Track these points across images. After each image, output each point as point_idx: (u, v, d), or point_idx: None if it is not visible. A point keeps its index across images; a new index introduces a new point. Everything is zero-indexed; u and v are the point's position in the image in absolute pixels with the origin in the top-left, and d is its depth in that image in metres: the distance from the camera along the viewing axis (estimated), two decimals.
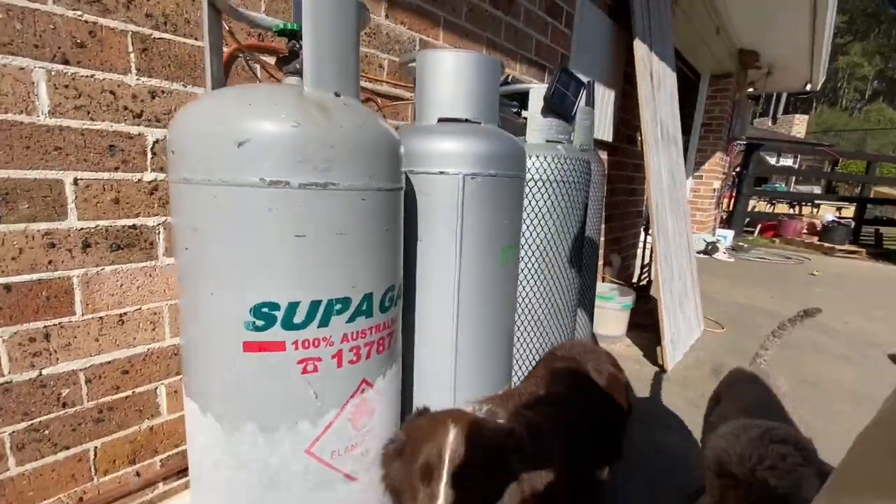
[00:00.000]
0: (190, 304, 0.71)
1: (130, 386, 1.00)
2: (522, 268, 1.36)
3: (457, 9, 1.56)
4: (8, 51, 0.75)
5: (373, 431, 0.81)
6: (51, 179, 0.82)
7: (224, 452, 0.73)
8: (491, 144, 1.02)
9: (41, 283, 0.84)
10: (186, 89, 0.96)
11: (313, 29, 0.68)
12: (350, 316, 0.72)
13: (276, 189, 0.63)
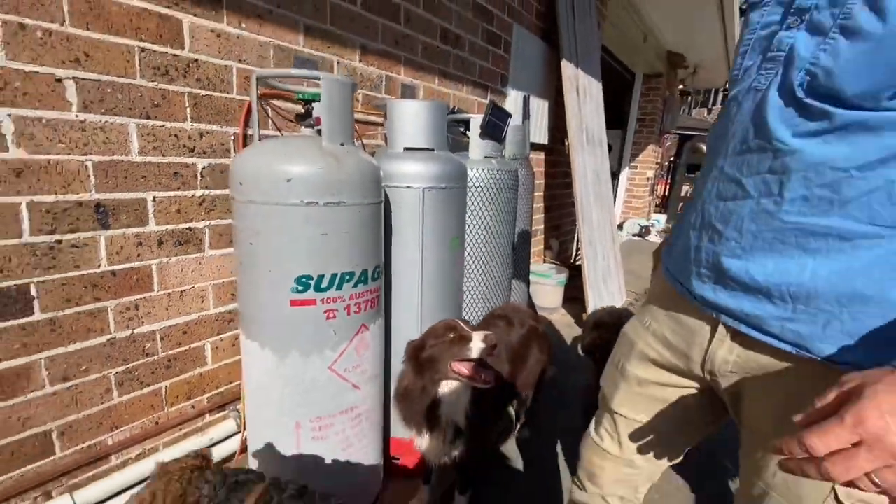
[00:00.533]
0: (252, 278, 1.12)
1: (187, 342, 1.39)
2: (468, 251, 1.83)
3: (414, 49, 1.98)
4: (113, 113, 1.12)
5: (369, 358, 1.25)
6: (139, 198, 1.20)
7: (275, 374, 1.15)
8: (442, 166, 1.47)
9: (133, 269, 1.22)
10: (223, 129, 1.35)
11: (328, 108, 1.10)
12: (354, 283, 1.16)
13: (310, 207, 1.06)
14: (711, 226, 0.69)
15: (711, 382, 0.75)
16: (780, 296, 0.61)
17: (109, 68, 1.09)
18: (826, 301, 0.58)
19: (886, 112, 0.51)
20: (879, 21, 0.51)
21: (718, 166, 0.69)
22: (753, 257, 0.63)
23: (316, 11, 1.53)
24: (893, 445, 0.39)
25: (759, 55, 0.64)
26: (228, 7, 1.28)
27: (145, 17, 1.13)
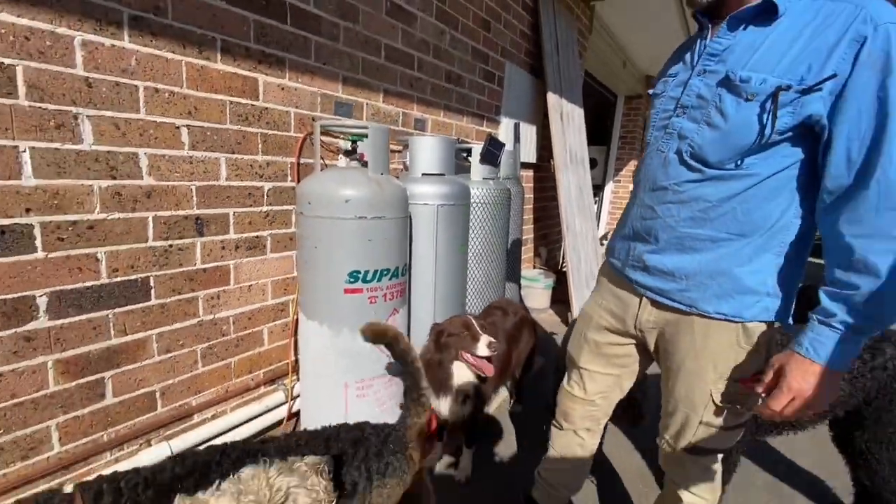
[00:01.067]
0: (314, 273, 1.49)
1: (251, 327, 1.75)
2: (470, 255, 2.21)
3: (424, 89, 2.39)
4: (211, 150, 1.49)
5: None
6: (224, 213, 1.57)
7: (330, 345, 1.52)
8: (452, 188, 1.86)
9: (218, 267, 1.58)
10: (283, 159, 1.72)
11: (372, 146, 1.49)
12: (389, 277, 1.53)
13: (361, 220, 1.44)
14: (639, 235, 1.08)
15: (641, 337, 1.15)
16: (680, 276, 1.01)
17: (210, 118, 1.47)
18: (704, 277, 0.98)
19: (730, 171, 0.92)
20: (724, 121, 0.90)
21: (640, 198, 1.08)
22: (664, 254, 1.03)
23: (351, 65, 1.93)
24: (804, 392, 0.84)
25: (661, 130, 1.03)
26: (290, 67, 1.68)
27: (234, 79, 1.51)
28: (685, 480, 1.18)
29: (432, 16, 2.35)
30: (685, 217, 0.98)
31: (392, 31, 2.11)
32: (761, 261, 0.94)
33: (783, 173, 0.89)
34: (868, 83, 0.77)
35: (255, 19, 1.54)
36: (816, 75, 0.80)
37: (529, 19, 3.31)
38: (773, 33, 0.86)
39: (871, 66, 0.76)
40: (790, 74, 0.82)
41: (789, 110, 0.82)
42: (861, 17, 0.77)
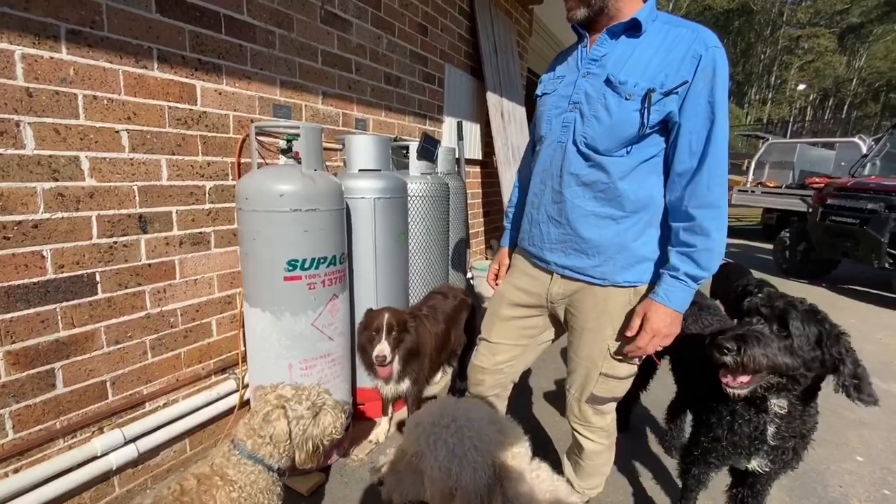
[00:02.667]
0: (255, 264, 1.62)
1: (199, 319, 1.85)
2: (412, 245, 2.38)
3: (364, 91, 2.54)
4: (148, 150, 1.60)
5: (339, 318, 1.78)
6: (167, 211, 1.67)
7: (273, 329, 1.65)
8: (387, 182, 2.03)
9: (163, 263, 1.69)
10: (223, 159, 1.84)
11: (305, 145, 1.63)
12: (327, 264, 1.68)
13: (295, 213, 1.58)
14: (553, 219, 1.24)
15: (552, 308, 1.33)
16: (592, 253, 1.19)
17: (149, 122, 1.57)
18: (612, 251, 1.17)
19: (618, 157, 1.12)
20: (610, 116, 1.10)
21: (549, 185, 1.24)
22: (577, 233, 1.20)
23: (288, 70, 2.06)
24: (661, 330, 1.09)
25: (559, 124, 1.21)
26: (227, 73, 1.79)
27: (172, 86, 1.62)
28: (587, 429, 1.37)
29: (368, 22, 2.50)
30: (588, 198, 1.17)
31: (328, 37, 2.25)
32: (649, 233, 1.17)
33: (654, 159, 1.13)
34: (702, 90, 1.03)
35: (191, 30, 1.65)
36: (672, 81, 1.05)
37: (467, 24, 3.51)
38: (639, 46, 1.10)
39: (704, 77, 1.03)
40: (655, 79, 1.05)
41: (657, 108, 1.06)
42: (697, 40, 1.05)
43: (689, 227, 1.07)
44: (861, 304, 4.68)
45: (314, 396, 1.12)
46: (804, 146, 9.41)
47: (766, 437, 1.18)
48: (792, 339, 1.06)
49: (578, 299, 1.25)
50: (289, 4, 2.02)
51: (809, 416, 1.17)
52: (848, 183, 5.11)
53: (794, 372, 1.07)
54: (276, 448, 1.10)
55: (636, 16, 1.09)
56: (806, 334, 1.06)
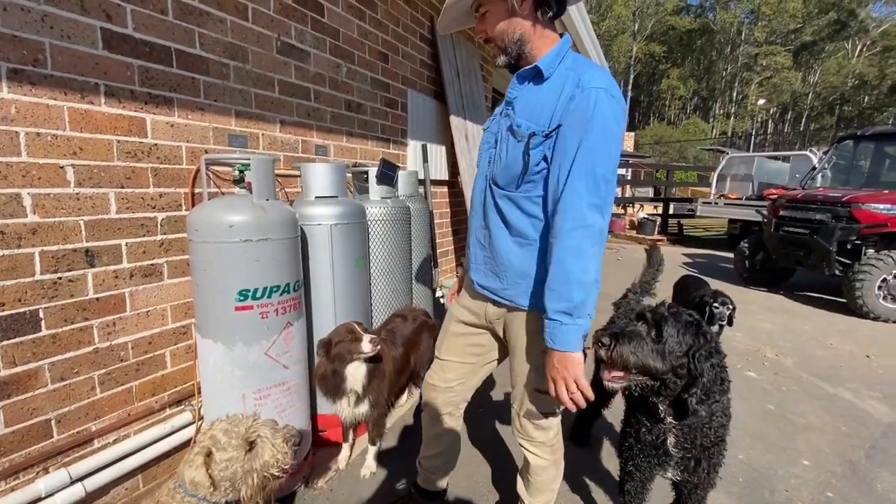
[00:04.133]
0: (206, 294, 1.62)
1: (152, 351, 1.83)
2: (374, 268, 2.41)
3: (324, 118, 2.59)
4: (95, 184, 1.60)
5: (294, 346, 1.78)
6: (116, 244, 1.67)
7: (226, 359, 1.65)
8: (344, 208, 2.06)
9: (112, 296, 1.67)
10: (176, 190, 1.85)
11: (256, 176, 1.65)
12: (280, 292, 1.70)
13: (246, 242, 1.59)
14: (480, 242, 1.36)
15: (491, 328, 1.40)
16: (503, 276, 1.27)
17: (96, 156, 1.58)
18: (517, 276, 1.25)
19: (512, 192, 1.23)
20: (506, 156, 1.21)
21: (478, 212, 1.37)
22: (494, 257, 1.29)
23: (244, 100, 2.09)
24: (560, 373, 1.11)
25: (486, 158, 1.34)
26: (179, 106, 1.81)
27: (120, 120, 1.64)
28: (530, 443, 1.42)
29: (326, 52, 2.56)
30: (502, 226, 1.27)
31: (285, 67, 2.30)
32: (544, 260, 1.20)
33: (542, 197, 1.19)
34: (573, 129, 1.07)
35: (140, 64, 1.67)
36: (553, 123, 1.12)
37: (429, 50, 3.62)
38: (541, 91, 1.17)
39: (576, 116, 1.07)
40: (541, 123, 1.14)
41: (538, 150, 1.14)
42: (574, 81, 1.09)
43: (551, 261, 1.11)
44: (815, 310, 4.89)
45: (246, 432, 1.12)
46: (761, 159, 9.87)
47: (668, 446, 1.23)
48: (664, 344, 1.12)
49: (509, 320, 1.34)
50: (243, 37, 2.06)
51: (712, 429, 1.21)
52: (799, 195, 5.38)
53: (662, 375, 1.12)
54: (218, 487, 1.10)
55: (538, 63, 1.16)
56: (679, 341, 1.12)
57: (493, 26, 1.19)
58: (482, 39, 1.25)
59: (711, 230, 12.47)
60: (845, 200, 4.78)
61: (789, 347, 3.79)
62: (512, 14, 1.15)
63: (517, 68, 1.23)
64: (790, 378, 3.18)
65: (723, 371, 1.18)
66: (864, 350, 3.76)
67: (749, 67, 37.85)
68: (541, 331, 1.20)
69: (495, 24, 1.18)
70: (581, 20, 4.38)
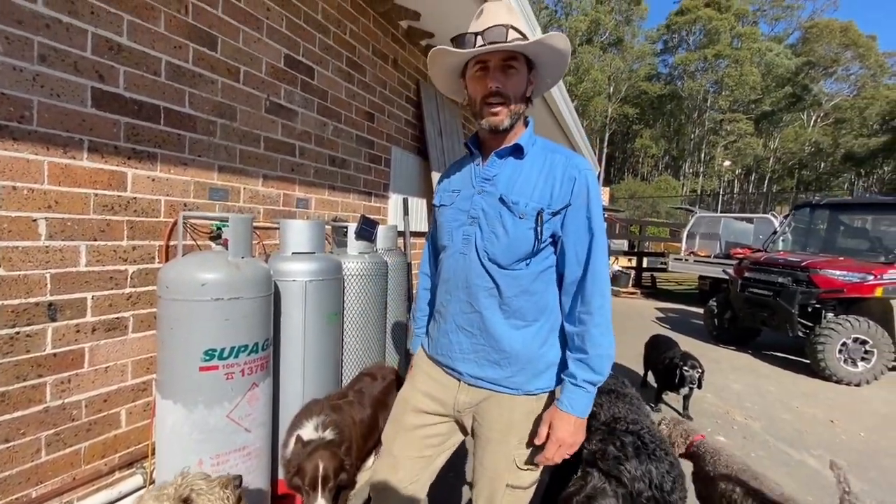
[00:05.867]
0: (170, 352, 1.59)
1: (107, 409, 1.75)
2: (347, 323, 2.40)
3: (307, 173, 2.65)
4: (67, 237, 1.58)
5: (258, 408, 1.73)
6: (82, 297, 1.63)
7: (185, 422, 1.58)
8: (320, 264, 2.08)
9: (71, 351, 1.61)
10: (151, 243, 1.84)
11: (233, 234, 1.67)
12: (248, 352, 1.67)
13: (217, 301, 1.58)
14: (463, 329, 1.24)
15: (458, 416, 1.28)
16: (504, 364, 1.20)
17: (72, 209, 1.58)
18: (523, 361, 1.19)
19: (518, 269, 1.18)
20: (507, 234, 1.16)
21: (456, 295, 1.24)
22: (492, 344, 1.20)
23: (228, 156, 2.14)
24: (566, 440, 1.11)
25: (460, 236, 1.24)
26: (162, 161, 1.85)
27: (100, 174, 1.65)
28: None
29: (314, 111, 2.66)
30: (496, 308, 1.20)
31: (272, 125, 2.37)
32: (552, 339, 1.21)
33: (549, 270, 1.20)
34: (580, 208, 1.15)
35: (127, 122, 1.72)
36: (557, 202, 1.15)
37: (414, 110, 3.79)
38: (524, 168, 1.19)
39: (580, 197, 1.15)
40: (543, 200, 1.15)
41: (547, 226, 1.15)
42: (570, 164, 1.17)
43: (581, 334, 1.14)
44: (781, 371, 5.00)
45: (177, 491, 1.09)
46: (727, 219, 10.39)
47: None
48: (629, 488, 1.22)
49: (485, 408, 1.24)
50: (233, 97, 2.14)
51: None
52: (762, 258, 5.64)
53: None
54: None
55: (519, 141, 1.20)
56: (640, 479, 1.22)
57: (516, 86, 1.17)
58: (494, 90, 1.15)
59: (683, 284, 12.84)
60: (804, 265, 5.04)
61: (757, 410, 3.84)
62: (528, 84, 1.21)
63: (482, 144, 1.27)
64: (758, 443, 3.21)
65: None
66: (827, 414, 3.84)
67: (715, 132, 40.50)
68: (533, 412, 1.21)
69: (518, 85, 1.17)
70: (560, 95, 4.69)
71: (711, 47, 39.04)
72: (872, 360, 4.59)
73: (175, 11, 1.85)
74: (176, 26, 1.86)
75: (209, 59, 2.00)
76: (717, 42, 38.88)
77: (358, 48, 3.01)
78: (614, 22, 41.79)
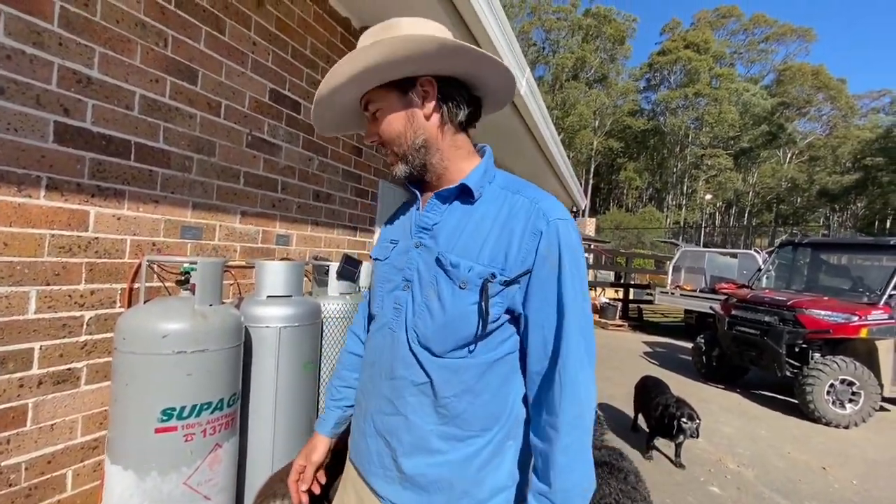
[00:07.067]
0: (124, 411, 1.43)
1: (50, 472, 1.57)
2: (325, 369, 2.25)
3: (289, 208, 2.55)
4: (15, 283, 1.44)
5: (220, 471, 1.57)
6: (28, 348, 1.48)
7: (135, 492, 1.42)
8: (297, 309, 1.95)
9: (11, 408, 1.45)
10: (112, 286, 1.70)
11: (201, 280, 1.55)
12: (212, 410, 1.52)
13: (179, 355, 1.45)
14: (382, 435, 0.88)
15: None
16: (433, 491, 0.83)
17: (23, 252, 1.45)
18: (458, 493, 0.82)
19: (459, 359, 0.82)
20: (443, 310, 0.82)
21: (378, 388, 0.89)
22: (413, 463, 0.83)
23: (204, 192, 2.03)
24: None
25: (391, 304, 0.90)
26: (130, 198, 1.73)
27: (59, 213, 1.53)
28: None
29: (299, 146, 2.59)
30: (428, 412, 0.84)
31: (253, 160, 2.29)
32: (505, 453, 0.86)
33: (506, 359, 0.85)
34: (548, 276, 0.80)
35: (92, 157, 1.61)
36: (514, 266, 0.81)
37: None
38: (474, 216, 0.86)
39: (548, 259, 0.80)
40: (494, 262, 0.81)
41: (497, 300, 0.81)
42: (536, 211, 0.81)
43: (545, 456, 0.79)
44: (771, 413, 4.93)
45: None
46: (712, 254, 10.53)
47: None
48: None
49: None
50: (213, 132, 2.05)
51: None
52: (748, 296, 5.65)
53: None
54: None
55: (465, 181, 0.87)
56: None
57: (388, 128, 0.88)
58: (376, 144, 0.93)
59: (669, 316, 12.86)
60: (790, 305, 5.05)
61: (749, 456, 3.73)
62: (411, 114, 0.87)
63: (420, 182, 0.93)
64: (752, 494, 3.09)
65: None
66: (819, 461, 3.75)
67: (696, 166, 41.79)
68: None
69: (391, 126, 0.88)
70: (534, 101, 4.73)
71: (692, 86, 40.80)
72: (860, 401, 4.55)
73: (153, 44, 1.78)
74: (153, 59, 1.78)
75: (188, 93, 1.93)
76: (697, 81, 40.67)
77: None
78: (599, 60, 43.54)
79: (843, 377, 4.57)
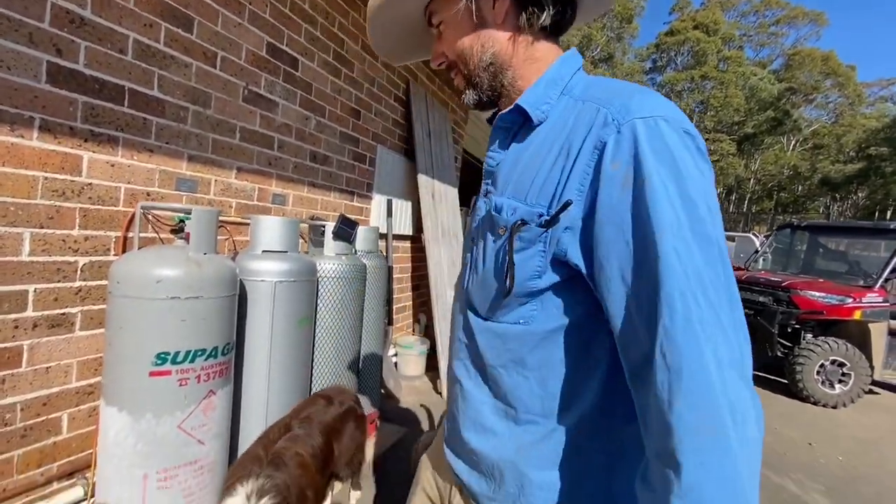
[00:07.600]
0: (118, 354, 1.44)
1: (46, 414, 1.59)
2: (320, 328, 2.27)
3: (286, 167, 2.52)
4: (8, 223, 1.43)
5: (215, 418, 1.59)
6: (22, 290, 1.48)
7: (129, 433, 1.44)
8: (292, 265, 1.95)
9: (6, 349, 1.46)
10: (106, 234, 1.69)
11: (196, 228, 1.54)
12: (206, 357, 1.53)
13: (174, 300, 1.45)
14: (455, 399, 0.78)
15: None
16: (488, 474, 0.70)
17: (15, 193, 1.43)
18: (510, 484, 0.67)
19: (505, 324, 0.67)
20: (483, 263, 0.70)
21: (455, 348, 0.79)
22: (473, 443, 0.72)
23: (199, 145, 2.00)
24: None
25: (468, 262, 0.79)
26: (124, 145, 1.71)
27: (52, 156, 1.51)
28: None
29: (296, 104, 2.54)
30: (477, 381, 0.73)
31: (250, 115, 2.25)
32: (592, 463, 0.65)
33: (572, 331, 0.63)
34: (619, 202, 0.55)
35: (85, 101, 1.58)
36: (558, 202, 0.60)
37: (402, 110, 3.69)
38: (533, 143, 0.67)
39: (615, 177, 0.55)
40: (541, 201, 0.62)
41: (539, 249, 0.61)
42: (602, 118, 0.58)
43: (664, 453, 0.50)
44: (759, 391, 5.00)
45: None
46: None
47: None
48: None
49: None
50: (208, 83, 2.01)
51: None
52: (743, 276, 5.67)
53: None
54: None
55: (519, 101, 0.68)
56: None
57: (452, 45, 0.73)
58: (442, 66, 0.77)
59: None
60: (785, 285, 5.07)
61: None
62: (480, 25, 0.70)
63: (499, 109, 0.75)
64: None
65: None
66: (806, 437, 3.83)
67: None
68: None
69: (455, 42, 0.72)
70: None
71: (698, 68, 40.05)
72: (850, 383, 4.62)
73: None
74: (147, 3, 1.73)
75: (183, 41, 1.88)
76: (704, 64, 39.91)
77: (346, 42, 2.90)
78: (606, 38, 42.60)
79: (834, 358, 4.63)
